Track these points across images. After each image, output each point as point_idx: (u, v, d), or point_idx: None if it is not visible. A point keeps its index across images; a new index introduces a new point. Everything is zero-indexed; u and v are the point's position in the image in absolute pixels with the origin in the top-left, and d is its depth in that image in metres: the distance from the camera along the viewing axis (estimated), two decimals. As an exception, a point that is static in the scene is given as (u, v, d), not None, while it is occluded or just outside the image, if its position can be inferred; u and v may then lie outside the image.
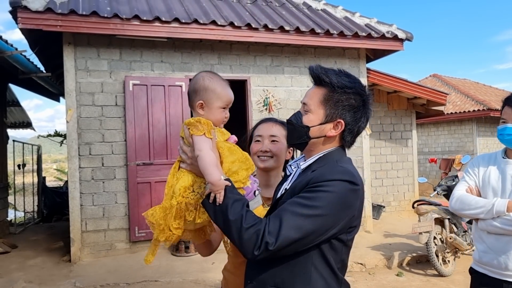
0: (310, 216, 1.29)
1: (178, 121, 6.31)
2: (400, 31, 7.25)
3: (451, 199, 2.36)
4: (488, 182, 2.27)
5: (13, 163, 9.71)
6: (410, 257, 6.05)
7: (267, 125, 1.97)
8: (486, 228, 2.19)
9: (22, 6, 5.33)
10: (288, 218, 1.28)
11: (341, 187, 1.34)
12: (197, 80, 1.52)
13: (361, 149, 7.47)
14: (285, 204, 1.35)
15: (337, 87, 1.44)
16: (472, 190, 2.32)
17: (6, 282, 4.98)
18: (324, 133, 1.47)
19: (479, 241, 2.28)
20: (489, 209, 2.14)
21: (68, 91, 5.91)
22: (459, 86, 16.54)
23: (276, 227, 1.26)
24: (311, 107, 1.47)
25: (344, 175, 1.36)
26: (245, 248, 1.28)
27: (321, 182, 1.33)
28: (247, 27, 6.28)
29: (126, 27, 5.78)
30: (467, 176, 2.39)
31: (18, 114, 11.32)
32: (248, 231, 1.27)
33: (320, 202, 1.30)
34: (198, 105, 1.50)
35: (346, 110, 1.46)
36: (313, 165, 1.48)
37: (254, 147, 1.93)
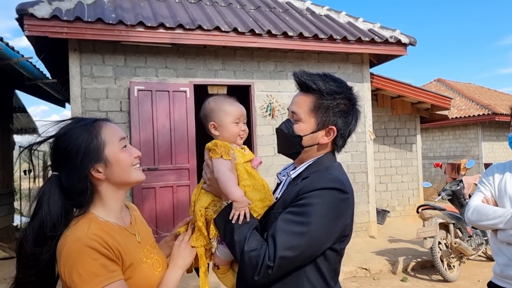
0: (304, 233, 1.28)
1: (183, 126, 6.34)
2: (404, 36, 7.27)
3: (467, 210, 2.30)
4: (504, 191, 2.21)
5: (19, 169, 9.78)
6: (415, 262, 6.03)
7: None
8: (507, 239, 2.11)
9: (28, 14, 5.39)
10: (283, 238, 1.27)
11: (331, 197, 1.32)
12: (204, 106, 1.60)
13: (365, 154, 7.47)
14: (278, 221, 1.33)
15: (325, 94, 1.43)
16: (489, 200, 2.26)
17: None
18: (317, 141, 1.46)
19: (499, 254, 2.19)
20: (509, 218, 2.07)
21: (73, 97, 5.96)
22: (463, 90, 16.50)
23: (272, 251, 1.26)
24: (301, 116, 1.45)
25: (334, 183, 1.35)
26: (246, 272, 1.30)
27: (310, 192, 1.32)
28: (250, 33, 6.32)
29: (130, 34, 5.84)
30: (482, 186, 2.33)
31: (25, 120, 11.41)
32: (249, 254, 1.28)
33: (312, 217, 1.28)
34: (211, 127, 1.57)
35: (337, 116, 1.45)
36: (303, 173, 1.47)
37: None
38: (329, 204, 1.32)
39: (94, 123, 1.34)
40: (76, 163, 1.26)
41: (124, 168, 1.34)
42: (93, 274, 1.16)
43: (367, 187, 7.48)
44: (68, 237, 1.21)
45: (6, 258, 6.43)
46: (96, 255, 1.18)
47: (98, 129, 1.32)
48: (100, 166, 1.30)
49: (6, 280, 5.41)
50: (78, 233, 1.21)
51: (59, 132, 1.32)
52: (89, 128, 1.31)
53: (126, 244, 1.30)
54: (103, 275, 1.17)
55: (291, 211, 1.33)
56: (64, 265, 1.17)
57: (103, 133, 1.32)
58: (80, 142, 1.27)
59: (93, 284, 1.15)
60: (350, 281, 5.54)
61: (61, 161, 1.28)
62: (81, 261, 1.16)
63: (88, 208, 1.31)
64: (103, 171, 1.30)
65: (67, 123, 1.35)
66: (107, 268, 1.19)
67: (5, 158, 8.14)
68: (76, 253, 1.17)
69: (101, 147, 1.30)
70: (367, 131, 7.47)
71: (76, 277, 1.15)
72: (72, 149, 1.27)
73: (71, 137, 1.28)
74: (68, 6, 5.86)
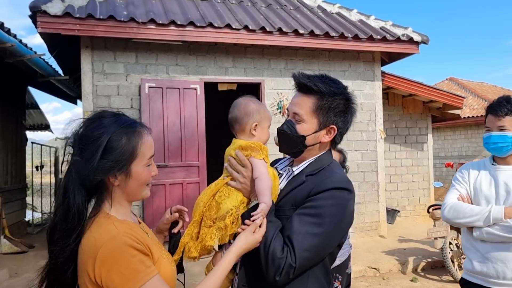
0: (321, 234, 1.36)
1: (193, 123, 6.36)
2: (416, 34, 7.19)
3: (443, 208, 2.32)
4: (480, 189, 2.26)
5: (31, 164, 9.91)
6: (425, 262, 5.97)
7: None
8: (482, 237, 2.17)
9: (41, 11, 5.45)
10: (301, 240, 1.34)
11: (342, 198, 1.41)
12: (247, 105, 1.58)
13: (375, 153, 7.42)
14: (294, 222, 1.38)
15: (326, 95, 1.49)
16: (464, 198, 2.30)
17: (23, 281, 5.08)
18: (319, 139, 1.53)
19: (472, 250, 2.25)
20: (486, 216, 2.12)
21: (85, 94, 6.01)
22: (476, 89, 16.30)
23: (293, 253, 1.32)
24: (304, 117, 1.51)
25: (343, 183, 1.44)
26: (268, 271, 1.34)
27: (323, 193, 1.39)
28: (261, 31, 6.31)
29: (142, 31, 5.86)
30: (457, 184, 2.38)
31: (37, 117, 11.55)
32: (273, 255, 1.33)
33: (326, 218, 1.37)
34: (253, 126, 1.55)
35: (337, 116, 1.52)
36: (306, 169, 1.53)
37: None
38: (340, 204, 1.40)
39: (138, 129, 1.33)
40: (103, 159, 1.24)
41: (139, 185, 1.34)
42: (134, 271, 1.16)
43: (377, 186, 7.43)
44: (99, 237, 1.20)
45: (18, 252, 6.51)
46: (134, 251, 1.19)
47: (138, 139, 1.31)
48: (120, 175, 1.28)
49: (17, 274, 5.48)
50: (110, 232, 1.21)
51: (106, 123, 1.30)
52: (131, 135, 1.30)
53: (147, 240, 1.31)
54: (143, 271, 1.18)
55: (306, 212, 1.38)
56: (101, 266, 1.16)
57: (140, 146, 1.31)
58: (117, 145, 1.26)
59: (136, 281, 1.16)
60: (359, 280, 5.52)
61: (91, 151, 1.24)
62: (122, 260, 1.16)
63: (100, 207, 1.30)
64: (120, 179, 1.29)
65: (117, 116, 1.34)
66: (145, 264, 1.20)
67: (17, 154, 8.24)
68: (115, 252, 1.16)
69: (131, 159, 1.29)
70: (377, 130, 7.42)
71: (117, 276, 1.15)
72: (109, 148, 1.25)
73: (117, 137, 1.27)
74: (80, 3, 5.91)
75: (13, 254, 6.45)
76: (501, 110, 2.19)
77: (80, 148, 1.25)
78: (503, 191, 2.19)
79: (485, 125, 2.28)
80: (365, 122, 7.36)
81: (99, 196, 1.30)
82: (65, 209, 1.22)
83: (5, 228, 6.76)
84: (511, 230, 2.07)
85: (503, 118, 2.19)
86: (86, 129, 1.29)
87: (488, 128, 2.25)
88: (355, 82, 7.25)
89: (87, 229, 1.24)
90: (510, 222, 2.06)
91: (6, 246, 6.52)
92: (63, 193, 1.24)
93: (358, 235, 7.20)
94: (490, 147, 2.23)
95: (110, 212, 1.30)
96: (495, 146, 2.20)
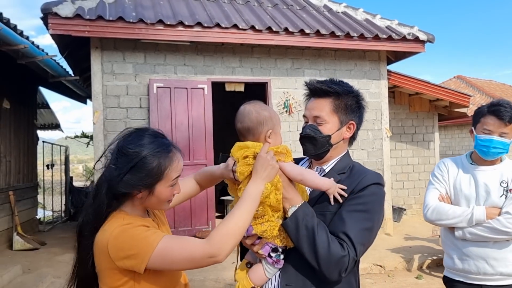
0: (371, 228, 1.50)
1: (200, 123, 6.46)
2: (422, 33, 7.22)
3: (425, 209, 2.32)
4: (460, 189, 2.26)
5: (42, 163, 10.08)
6: (430, 260, 6.02)
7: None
8: (464, 237, 2.19)
9: (53, 13, 5.57)
10: (357, 235, 1.44)
11: (380, 192, 1.56)
12: (259, 113, 1.54)
13: (381, 151, 7.46)
14: (346, 218, 1.47)
15: (342, 94, 1.61)
16: (444, 198, 2.30)
17: (36, 277, 5.21)
18: (342, 136, 1.64)
19: (453, 248, 2.27)
20: (469, 218, 2.14)
21: (95, 94, 6.13)
22: (484, 87, 16.22)
23: (352, 248, 1.43)
24: (326, 118, 1.61)
25: (379, 178, 1.58)
26: (331, 271, 1.42)
27: (366, 189, 1.51)
28: (268, 31, 6.38)
29: (150, 32, 5.97)
30: (436, 182, 2.36)
31: (48, 116, 11.72)
32: (335, 255, 1.40)
33: (373, 213, 1.51)
34: (268, 134, 1.53)
35: (354, 112, 1.64)
36: (335, 167, 1.64)
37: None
38: (380, 199, 1.56)
39: (171, 154, 1.41)
40: (132, 175, 1.34)
41: (159, 201, 1.43)
42: (143, 238, 1.27)
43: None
44: (108, 228, 1.32)
45: (31, 249, 6.66)
46: (135, 226, 1.30)
47: (168, 164, 1.39)
48: (145, 191, 1.37)
49: (30, 270, 5.62)
50: (116, 223, 1.32)
51: (144, 141, 1.39)
52: (164, 161, 1.38)
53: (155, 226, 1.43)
54: (151, 235, 1.27)
55: (356, 209, 1.49)
56: (114, 250, 1.27)
57: (169, 169, 1.39)
58: (148, 166, 1.35)
59: (149, 245, 1.25)
60: (364, 277, 5.58)
61: (125, 164, 1.35)
62: (128, 236, 1.27)
63: (118, 207, 1.40)
64: (143, 194, 1.38)
65: (156, 137, 1.43)
66: (151, 230, 1.30)
67: (29, 152, 8.40)
68: (121, 233, 1.27)
69: (157, 180, 1.37)
70: (383, 128, 7.46)
71: (131, 251, 1.25)
72: (141, 167, 1.34)
73: (151, 160, 1.36)
74: (90, 5, 6.03)
75: (26, 251, 6.60)
76: (506, 116, 2.13)
77: (117, 157, 1.37)
78: (483, 191, 2.20)
79: (484, 126, 2.20)
80: (371, 120, 7.40)
81: (121, 198, 1.39)
82: (95, 207, 1.33)
83: (17, 225, 6.92)
84: (494, 231, 2.11)
85: (509, 125, 2.15)
86: (125, 141, 1.40)
87: (488, 130, 2.18)
88: (361, 81, 7.30)
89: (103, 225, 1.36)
90: (492, 223, 2.10)
91: (19, 243, 6.68)
92: (94, 194, 1.36)
93: (364, 233, 7.25)
94: (490, 151, 2.16)
95: (124, 209, 1.41)
96: (495, 151, 2.16)
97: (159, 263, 1.27)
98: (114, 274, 1.31)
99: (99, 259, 1.33)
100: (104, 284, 1.35)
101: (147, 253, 1.25)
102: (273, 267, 1.51)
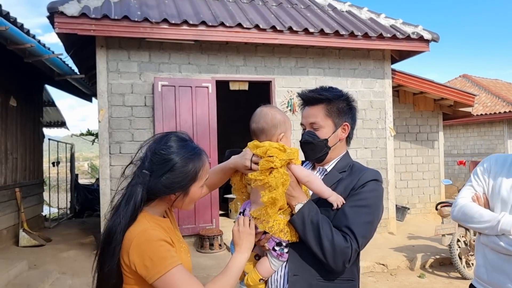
0: (372, 222, 1.62)
1: (205, 121, 6.50)
2: (426, 32, 7.21)
3: (453, 206, 2.14)
4: (498, 191, 1.99)
5: (48, 160, 10.16)
6: (433, 259, 6.03)
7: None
8: (488, 244, 1.98)
9: (59, 12, 5.62)
10: (359, 228, 1.56)
11: (379, 188, 1.68)
12: (274, 116, 1.66)
13: (385, 150, 7.47)
14: (349, 213, 1.58)
15: (333, 99, 1.71)
16: (479, 198, 2.07)
17: (42, 273, 5.27)
18: (338, 138, 1.74)
19: (482, 255, 2.05)
20: (494, 225, 1.91)
21: (100, 92, 6.19)
22: (490, 86, 16.13)
23: (355, 240, 1.54)
24: (321, 123, 1.71)
25: (377, 175, 1.70)
26: (336, 261, 1.53)
27: (366, 185, 1.63)
28: (272, 30, 6.40)
29: (155, 31, 6.01)
30: (475, 180, 2.12)
31: (53, 114, 11.82)
32: (340, 247, 1.52)
33: (373, 208, 1.63)
34: (280, 137, 1.65)
35: (346, 114, 1.74)
36: (336, 167, 1.74)
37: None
38: (379, 194, 1.68)
39: (202, 158, 1.52)
40: (172, 181, 1.44)
41: (191, 201, 1.54)
42: (162, 258, 1.34)
43: (387, 183, 7.48)
44: (134, 229, 1.39)
45: (36, 245, 6.74)
46: (161, 242, 1.37)
47: (200, 165, 1.50)
48: (180, 193, 1.48)
49: (36, 265, 5.69)
50: (142, 226, 1.40)
51: (177, 146, 1.49)
52: (197, 163, 1.49)
53: (170, 232, 1.50)
54: (170, 258, 1.35)
55: (357, 204, 1.60)
56: (134, 254, 1.34)
57: (201, 171, 1.51)
58: (186, 171, 1.46)
59: (164, 267, 1.33)
60: (367, 276, 5.60)
61: (163, 171, 1.44)
62: (151, 248, 1.34)
63: (146, 207, 1.48)
64: (177, 195, 1.48)
65: (184, 141, 1.53)
66: (171, 254, 1.38)
67: (35, 150, 8.49)
68: (146, 242, 1.35)
69: (192, 181, 1.48)
70: (387, 127, 7.46)
71: (148, 262, 1.33)
72: (179, 171, 1.45)
73: (186, 162, 1.46)
74: (95, 4, 6.08)
75: (32, 247, 6.69)
76: None
77: (151, 163, 1.44)
78: None
79: None
80: (375, 119, 7.41)
81: (152, 200, 1.48)
82: (130, 210, 1.41)
83: (23, 222, 7.00)
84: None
85: None
86: (157, 147, 1.48)
87: None
88: (365, 80, 7.30)
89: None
90: None
91: (25, 239, 6.76)
92: (127, 198, 1.43)
93: (368, 231, 7.27)
94: None
95: (147, 209, 1.48)
96: None
97: (162, 286, 1.34)
98: (130, 275, 1.40)
99: (123, 257, 1.40)
100: (126, 283, 1.43)
101: (158, 272, 1.33)
102: (278, 260, 1.61)
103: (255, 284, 1.66)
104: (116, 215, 1.43)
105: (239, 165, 1.65)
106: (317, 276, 1.60)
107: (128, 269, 1.38)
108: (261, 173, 1.55)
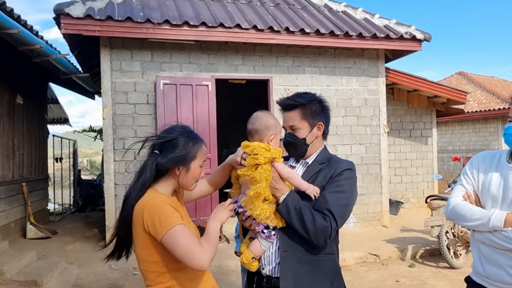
0: (348, 204, 1.90)
1: (205, 118, 6.75)
2: (419, 32, 7.45)
3: (446, 206, 2.17)
4: (488, 188, 2.02)
5: (53, 155, 10.41)
6: (423, 250, 6.30)
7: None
8: (482, 240, 2.01)
9: (65, 13, 5.87)
10: (338, 210, 1.83)
11: (353, 175, 1.95)
12: (267, 120, 1.96)
13: (379, 146, 7.73)
14: (329, 199, 1.85)
15: (306, 104, 1.98)
16: (470, 196, 2.10)
17: (50, 263, 5.54)
18: (314, 136, 2.03)
19: (477, 250, 2.09)
20: (485, 222, 1.94)
21: (104, 90, 6.44)
22: (485, 84, 16.38)
23: (334, 220, 1.81)
24: (298, 125, 2.00)
25: (351, 164, 1.97)
26: (318, 238, 1.80)
27: (342, 174, 1.90)
28: (269, 30, 6.65)
29: (157, 31, 6.26)
30: (465, 179, 2.16)
31: (56, 111, 12.05)
32: (321, 226, 1.79)
33: (349, 192, 1.90)
34: (271, 138, 1.94)
35: (319, 115, 2.01)
36: (316, 159, 2.03)
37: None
38: (354, 180, 1.95)
39: (200, 141, 1.87)
40: (177, 155, 1.78)
41: (192, 178, 1.84)
42: (168, 216, 1.65)
43: (380, 178, 7.75)
44: (145, 198, 1.72)
45: (43, 238, 7.01)
46: (167, 205, 1.69)
47: (198, 147, 1.84)
48: (183, 168, 1.80)
49: (44, 256, 5.96)
50: (151, 195, 1.73)
51: (177, 128, 1.87)
52: (196, 144, 1.83)
53: (178, 208, 1.79)
54: (174, 217, 1.66)
55: (335, 190, 1.88)
56: (147, 216, 1.65)
57: (199, 151, 1.85)
58: (187, 147, 1.80)
59: (169, 223, 1.63)
60: (360, 265, 5.88)
61: (169, 149, 1.78)
62: (159, 210, 1.66)
63: (153, 184, 1.79)
64: (181, 171, 1.80)
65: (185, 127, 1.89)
66: (176, 214, 1.69)
67: (40, 146, 8.74)
68: (155, 205, 1.68)
69: (193, 158, 1.81)
70: (381, 124, 7.72)
71: (157, 222, 1.64)
72: (182, 147, 1.79)
73: (187, 140, 1.81)
74: (100, 6, 6.32)
75: (38, 239, 6.95)
76: None
77: (161, 146, 1.80)
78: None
79: (508, 115, 2.07)
80: (369, 116, 7.67)
81: (160, 178, 1.81)
82: (142, 181, 1.75)
83: (30, 215, 7.26)
84: (509, 241, 1.88)
85: None
86: (162, 133, 1.87)
87: (511, 119, 2.05)
88: (359, 78, 7.55)
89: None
90: (510, 233, 1.87)
91: (32, 231, 7.03)
92: (140, 172, 1.78)
93: (362, 224, 7.55)
94: (508, 139, 2.01)
95: (156, 187, 1.80)
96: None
97: (168, 241, 1.63)
98: (145, 239, 1.70)
99: (135, 224, 1.71)
100: (137, 246, 1.74)
101: (165, 228, 1.63)
102: (267, 241, 1.89)
103: (249, 262, 1.93)
104: (131, 187, 1.77)
105: (233, 162, 1.94)
106: (303, 251, 1.87)
107: (143, 231, 1.68)
108: (248, 169, 1.82)
